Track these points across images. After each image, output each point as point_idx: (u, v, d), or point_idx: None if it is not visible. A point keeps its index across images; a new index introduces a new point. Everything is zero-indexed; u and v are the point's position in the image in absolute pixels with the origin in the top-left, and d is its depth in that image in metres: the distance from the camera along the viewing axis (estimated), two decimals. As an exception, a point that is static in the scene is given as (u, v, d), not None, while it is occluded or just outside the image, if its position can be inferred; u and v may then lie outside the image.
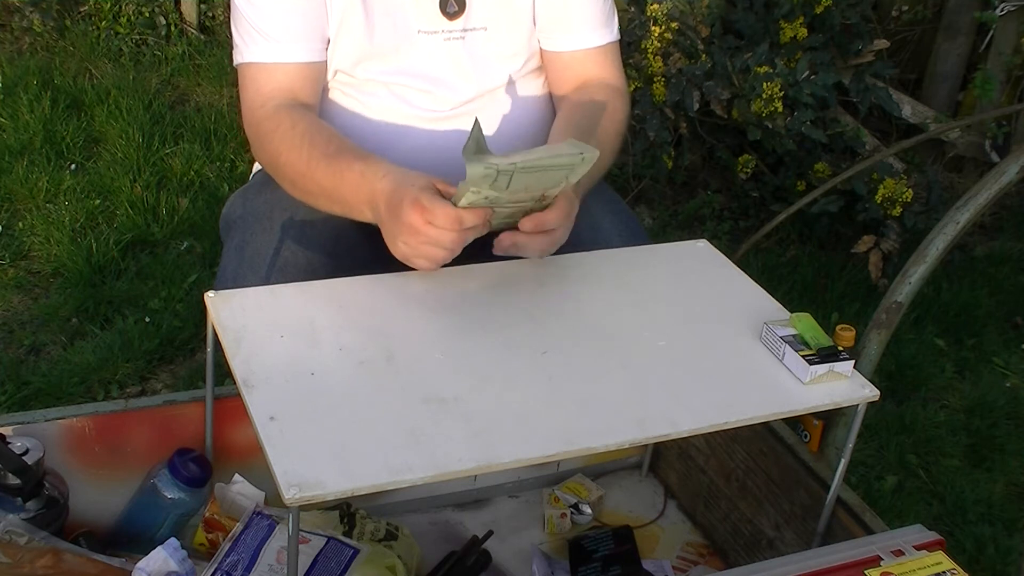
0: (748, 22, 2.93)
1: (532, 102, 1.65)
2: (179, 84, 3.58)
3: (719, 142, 3.12)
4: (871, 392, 1.30)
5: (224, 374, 1.30)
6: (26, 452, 1.35)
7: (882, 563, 1.24)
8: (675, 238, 2.78)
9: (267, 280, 1.48)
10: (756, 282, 1.49)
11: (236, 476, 1.50)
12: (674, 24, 2.91)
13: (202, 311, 1.35)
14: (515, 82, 1.62)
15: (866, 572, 1.23)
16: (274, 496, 1.19)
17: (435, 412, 1.17)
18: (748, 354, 1.33)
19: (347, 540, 1.41)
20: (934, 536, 1.30)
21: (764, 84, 2.74)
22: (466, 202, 1.27)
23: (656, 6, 2.93)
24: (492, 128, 1.61)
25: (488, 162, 1.20)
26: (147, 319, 2.44)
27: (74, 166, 3.02)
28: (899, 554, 1.26)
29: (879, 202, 2.81)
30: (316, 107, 1.56)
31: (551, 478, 1.76)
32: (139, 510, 1.47)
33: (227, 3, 1.56)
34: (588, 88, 1.63)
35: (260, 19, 1.50)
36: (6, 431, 1.38)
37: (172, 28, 3.77)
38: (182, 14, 3.83)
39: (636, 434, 1.18)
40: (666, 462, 1.81)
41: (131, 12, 3.75)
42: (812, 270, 2.93)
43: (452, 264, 1.38)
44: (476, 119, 1.29)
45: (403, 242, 1.33)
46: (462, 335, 1.31)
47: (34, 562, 1.28)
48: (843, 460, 1.38)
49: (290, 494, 1.04)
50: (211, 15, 3.86)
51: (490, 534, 1.57)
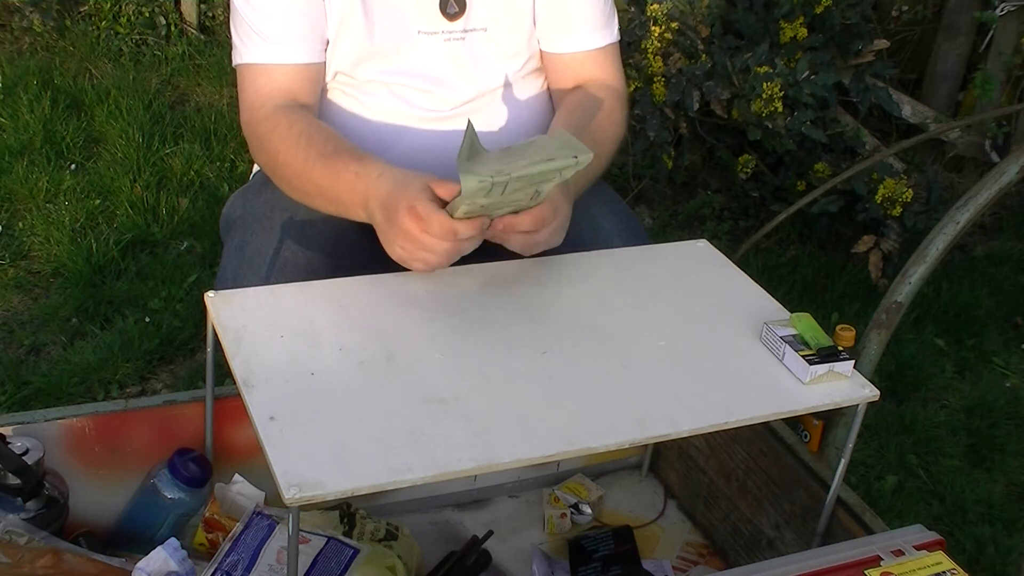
0: (748, 22, 2.93)
1: (532, 102, 1.65)
2: (179, 84, 3.58)
3: (719, 142, 3.12)
4: (871, 392, 1.30)
5: (224, 374, 1.30)
6: (26, 452, 1.35)
7: (882, 563, 1.24)
8: (675, 238, 2.78)
9: (267, 280, 1.48)
10: (756, 282, 1.49)
11: (236, 476, 1.50)
12: (674, 24, 2.91)
13: (202, 311, 1.35)
14: (515, 82, 1.62)
15: (866, 572, 1.23)
16: (274, 496, 1.19)
17: (435, 412, 1.17)
18: (748, 354, 1.33)
19: (347, 540, 1.41)
20: (934, 536, 1.30)
21: (764, 84, 2.74)
22: (462, 213, 1.28)
23: (656, 6, 2.93)
24: (492, 128, 1.61)
25: (482, 175, 1.21)
26: (147, 319, 2.44)
27: (74, 166, 3.02)
28: (899, 554, 1.26)
29: (879, 202, 2.81)
30: (315, 108, 1.56)
31: (551, 478, 1.76)
32: (139, 510, 1.47)
33: (227, 3, 1.56)
34: (587, 89, 1.63)
35: (259, 20, 1.50)
36: (6, 431, 1.38)
37: (172, 28, 3.77)
38: (182, 14, 3.83)
39: (636, 434, 1.18)
40: (666, 462, 1.81)
41: (131, 12, 3.75)
42: (812, 270, 2.93)
43: (452, 264, 1.38)
44: (469, 121, 1.29)
45: (399, 247, 1.34)
46: (462, 335, 1.31)
47: (34, 562, 1.28)
48: (843, 460, 1.38)
49: (290, 494, 1.04)
50: (211, 15, 3.86)
51: (490, 534, 1.57)
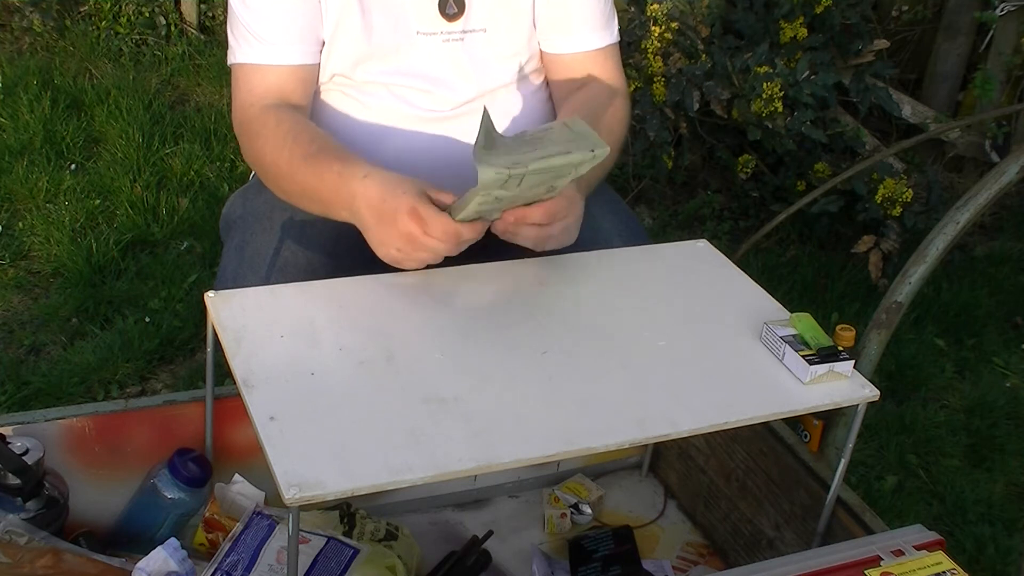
0: (748, 22, 2.93)
1: (533, 102, 1.65)
2: (179, 84, 3.58)
3: (719, 142, 3.12)
4: (871, 392, 1.30)
5: (224, 374, 1.30)
6: (26, 452, 1.35)
7: (882, 563, 1.24)
8: (675, 238, 2.78)
9: (267, 280, 1.48)
10: (756, 282, 1.49)
11: (236, 476, 1.50)
12: (674, 24, 2.91)
13: (202, 311, 1.35)
14: (515, 83, 1.62)
15: (866, 572, 1.23)
16: (274, 496, 1.19)
17: (435, 412, 1.17)
18: (748, 354, 1.33)
19: (347, 540, 1.41)
20: (934, 536, 1.30)
21: (764, 84, 2.74)
22: (473, 207, 1.27)
23: (656, 6, 2.93)
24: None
25: (500, 167, 1.20)
26: (147, 319, 2.44)
27: (74, 166, 3.02)
28: (899, 554, 1.26)
29: (879, 202, 2.81)
30: (307, 109, 1.56)
31: (551, 478, 1.76)
32: (139, 510, 1.47)
33: (226, 3, 1.56)
34: (589, 90, 1.63)
35: (254, 20, 1.50)
36: (6, 431, 1.38)
37: (172, 28, 3.77)
38: (182, 14, 3.83)
39: (636, 434, 1.18)
40: (666, 462, 1.81)
41: (131, 12, 3.75)
42: (812, 270, 2.93)
43: (452, 264, 1.38)
44: (485, 109, 1.29)
45: (396, 249, 1.34)
46: (462, 335, 1.31)
47: (34, 562, 1.28)
48: (843, 460, 1.38)
49: (290, 494, 1.04)
50: (211, 15, 3.86)
51: (490, 534, 1.57)
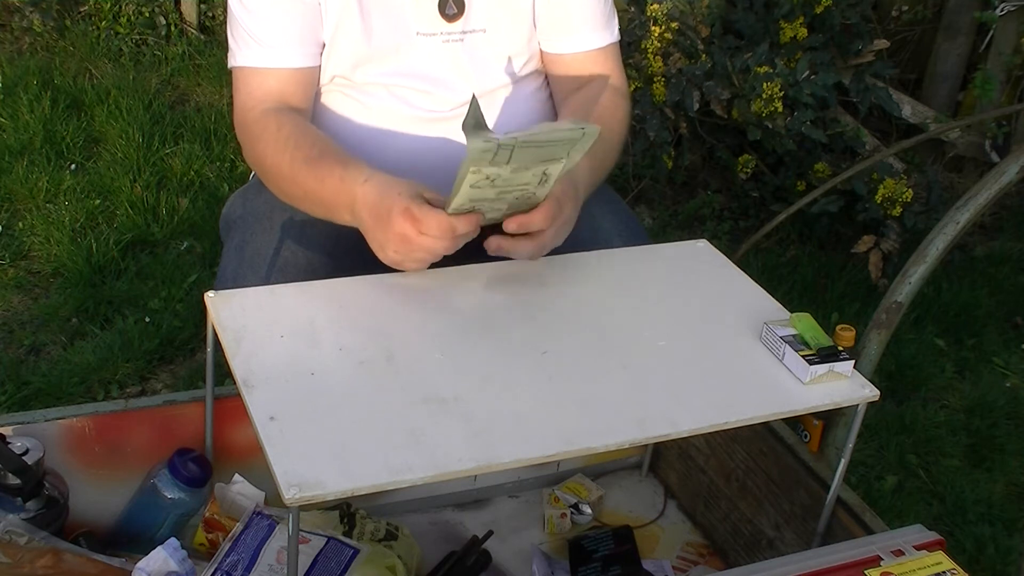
0: (748, 22, 2.93)
1: (533, 102, 1.65)
2: (179, 84, 3.58)
3: (719, 142, 3.12)
4: (871, 392, 1.30)
5: (224, 374, 1.30)
6: (26, 452, 1.35)
7: (882, 563, 1.24)
8: (675, 238, 2.78)
9: (267, 280, 1.48)
10: (756, 282, 1.49)
11: (236, 476, 1.50)
12: (674, 24, 2.91)
13: (202, 311, 1.35)
14: (515, 83, 1.62)
15: (866, 572, 1.23)
16: (274, 496, 1.19)
17: (435, 412, 1.17)
18: (748, 354, 1.33)
19: (347, 540, 1.41)
20: (934, 536, 1.30)
21: (764, 84, 2.74)
22: (466, 189, 1.26)
23: (656, 6, 2.93)
24: (493, 128, 1.60)
25: (488, 136, 1.19)
26: (147, 319, 2.44)
27: (74, 166, 3.02)
28: (899, 554, 1.26)
29: (879, 202, 2.81)
30: (308, 111, 1.56)
31: (551, 478, 1.76)
32: (139, 510, 1.47)
33: (226, 4, 1.56)
34: (589, 89, 1.63)
35: (253, 23, 1.50)
36: (6, 431, 1.38)
37: (172, 28, 3.77)
38: (182, 14, 3.83)
39: (636, 434, 1.18)
40: (666, 462, 1.81)
41: (131, 12, 3.75)
42: (812, 270, 2.93)
43: (451, 264, 1.38)
44: (473, 95, 1.28)
45: (394, 250, 1.33)
46: (462, 335, 1.31)
47: (34, 562, 1.28)
48: (843, 460, 1.38)
49: (290, 494, 1.04)
50: (211, 15, 3.86)
51: (490, 534, 1.57)
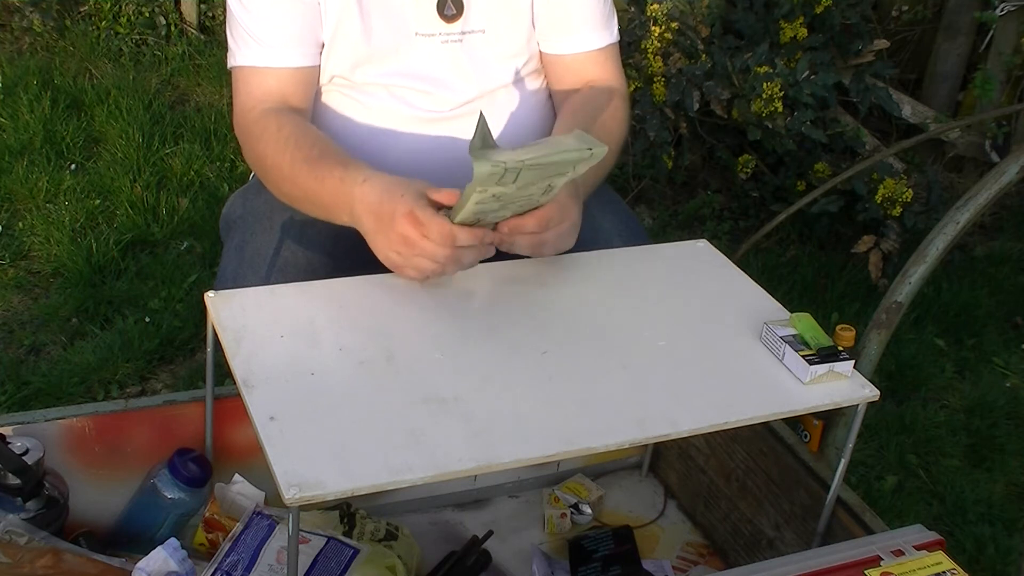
0: (748, 22, 2.93)
1: (532, 103, 1.65)
2: (179, 84, 3.58)
3: (719, 142, 3.12)
4: (871, 392, 1.30)
5: (224, 374, 1.30)
6: (26, 452, 1.35)
7: (882, 563, 1.24)
8: (675, 238, 2.78)
9: (267, 280, 1.48)
10: (756, 282, 1.49)
11: (236, 476, 1.50)
12: (674, 24, 2.91)
13: (202, 311, 1.35)
14: (515, 83, 1.62)
15: (866, 572, 1.23)
16: (274, 496, 1.19)
17: (435, 412, 1.17)
18: (748, 354, 1.33)
19: (347, 540, 1.41)
20: (934, 536, 1.30)
21: (764, 84, 2.74)
22: (471, 206, 1.27)
23: (656, 6, 2.93)
24: (493, 128, 1.59)
25: (495, 160, 1.19)
26: (147, 319, 2.44)
27: (74, 166, 3.02)
28: (899, 554, 1.26)
29: (879, 202, 2.81)
30: (308, 111, 1.56)
31: (551, 478, 1.76)
32: (139, 510, 1.47)
33: (226, 4, 1.56)
34: (589, 90, 1.63)
35: (253, 23, 1.50)
36: (6, 431, 1.38)
37: (172, 28, 3.77)
38: (182, 14, 3.83)
39: (636, 434, 1.18)
40: (666, 462, 1.81)
41: (131, 12, 3.75)
42: (812, 270, 2.93)
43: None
44: (481, 113, 1.29)
45: (396, 252, 1.33)
46: (462, 335, 1.31)
47: (34, 562, 1.28)
48: (843, 460, 1.38)
49: (290, 494, 1.04)
50: (211, 15, 3.86)
51: (490, 534, 1.57)
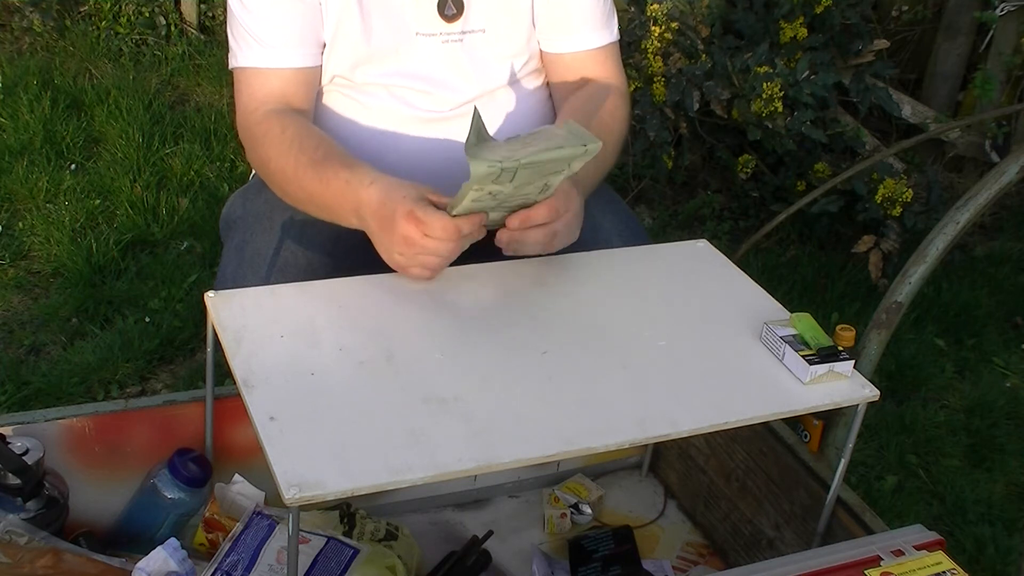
0: (748, 22, 2.93)
1: (533, 102, 1.65)
2: (179, 84, 3.58)
3: (719, 142, 3.12)
4: (871, 392, 1.30)
5: (224, 374, 1.30)
6: (26, 452, 1.35)
7: (882, 563, 1.24)
8: (675, 238, 2.78)
9: (267, 280, 1.48)
10: (756, 282, 1.49)
11: (236, 476, 1.50)
12: (674, 24, 2.91)
13: (202, 311, 1.35)
14: (515, 82, 1.62)
15: (866, 572, 1.23)
16: (274, 496, 1.19)
17: (435, 412, 1.17)
18: (748, 354, 1.33)
19: (347, 540, 1.41)
20: (934, 536, 1.30)
21: (764, 84, 2.74)
22: (468, 203, 1.27)
23: (656, 6, 2.93)
24: (493, 128, 1.60)
25: (492, 160, 1.20)
26: (147, 319, 2.44)
27: (74, 166, 3.02)
28: (899, 554, 1.26)
29: (879, 202, 2.81)
30: (310, 111, 1.56)
31: (551, 478, 1.76)
32: (139, 510, 1.47)
33: (226, 4, 1.56)
34: (589, 89, 1.63)
35: (255, 24, 1.50)
36: (6, 431, 1.38)
37: (172, 28, 3.77)
38: (182, 14, 3.83)
39: (636, 434, 1.18)
40: (666, 462, 1.81)
41: (131, 12, 3.75)
42: (812, 270, 2.93)
43: (452, 264, 1.38)
44: (475, 108, 1.29)
45: (399, 253, 1.33)
46: (462, 335, 1.31)
47: (34, 562, 1.28)
48: (843, 460, 1.38)
49: (290, 494, 1.04)
50: (211, 15, 3.86)
51: (490, 534, 1.57)
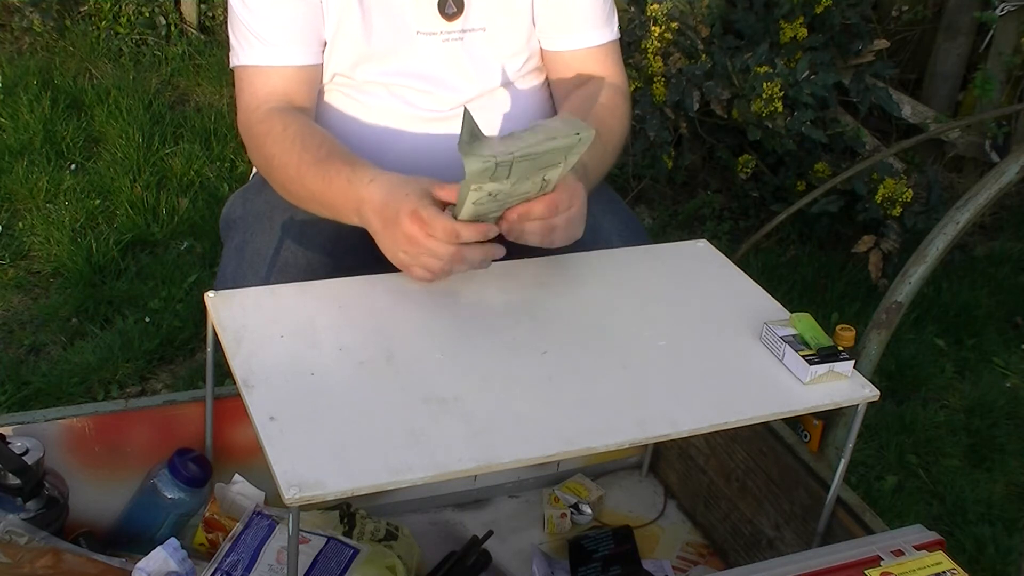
0: (748, 22, 2.93)
1: (533, 101, 1.65)
2: (179, 84, 3.58)
3: (719, 142, 3.12)
4: (871, 392, 1.30)
5: (224, 374, 1.30)
6: (26, 452, 1.35)
7: (882, 563, 1.24)
8: (675, 238, 2.78)
9: (267, 280, 1.48)
10: (756, 282, 1.49)
11: (236, 476, 1.50)
12: (674, 24, 2.91)
13: (202, 311, 1.35)
14: (515, 82, 1.62)
15: (866, 572, 1.23)
16: (274, 496, 1.19)
17: (435, 412, 1.17)
18: (748, 354, 1.33)
19: (347, 540, 1.41)
20: (934, 536, 1.30)
21: (764, 84, 2.74)
22: (470, 206, 1.27)
23: (656, 6, 2.93)
24: (493, 127, 1.60)
25: (485, 155, 1.20)
26: (147, 319, 2.44)
27: (74, 166, 3.02)
28: (899, 554, 1.26)
29: (879, 202, 2.81)
30: (311, 110, 1.56)
31: (551, 478, 1.76)
32: (139, 510, 1.47)
33: (226, 3, 1.56)
34: (589, 87, 1.63)
35: (256, 22, 1.50)
36: (6, 431, 1.38)
37: (172, 28, 3.77)
38: (182, 14, 3.83)
39: (636, 434, 1.18)
40: (666, 462, 1.81)
41: (131, 12, 3.75)
42: (812, 270, 2.93)
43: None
44: (466, 108, 1.28)
45: (403, 251, 1.33)
46: (462, 335, 1.31)
47: (34, 562, 1.28)
48: (843, 460, 1.38)
49: (290, 494, 1.04)
50: (211, 15, 3.86)
51: (490, 534, 1.57)
